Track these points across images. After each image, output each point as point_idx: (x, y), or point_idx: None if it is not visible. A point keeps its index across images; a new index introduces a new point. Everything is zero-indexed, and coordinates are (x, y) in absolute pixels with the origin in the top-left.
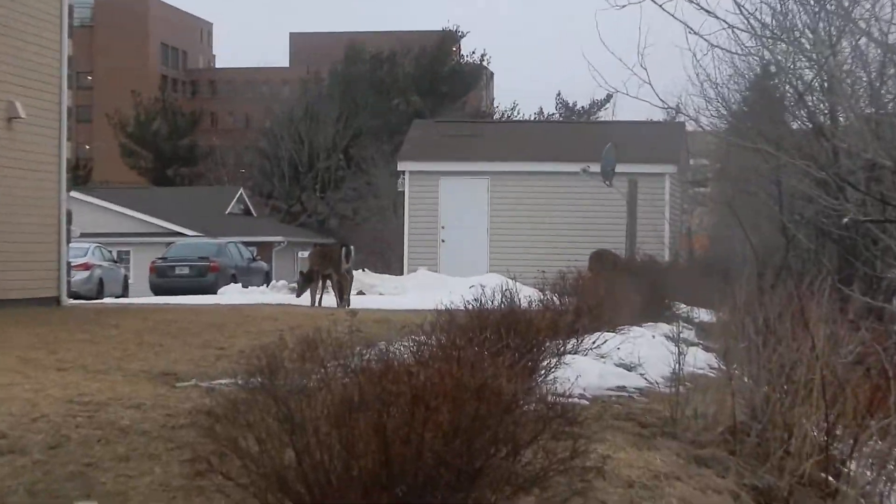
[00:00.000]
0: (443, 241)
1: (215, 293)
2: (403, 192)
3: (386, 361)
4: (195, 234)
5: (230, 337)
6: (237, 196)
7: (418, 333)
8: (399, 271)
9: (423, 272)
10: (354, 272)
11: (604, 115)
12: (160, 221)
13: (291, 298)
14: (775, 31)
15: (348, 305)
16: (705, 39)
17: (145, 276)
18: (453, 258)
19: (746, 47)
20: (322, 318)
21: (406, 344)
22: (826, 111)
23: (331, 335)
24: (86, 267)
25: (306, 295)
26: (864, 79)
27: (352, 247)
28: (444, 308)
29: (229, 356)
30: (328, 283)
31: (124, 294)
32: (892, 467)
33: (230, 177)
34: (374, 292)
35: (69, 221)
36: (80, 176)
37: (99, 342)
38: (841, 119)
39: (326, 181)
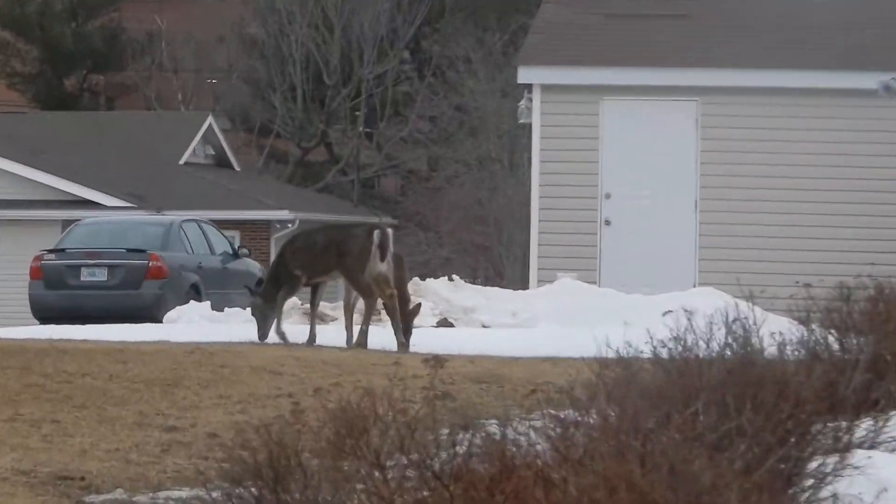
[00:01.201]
0: (606, 222)
1: (158, 320)
2: (529, 124)
3: (502, 458)
4: (120, 203)
5: (191, 407)
6: (201, 131)
7: (562, 405)
8: (519, 282)
9: (567, 284)
10: (423, 282)
11: None
12: (52, 179)
13: (303, 331)
14: None
15: (405, 346)
16: None
17: (21, 286)
18: (626, 257)
19: None
20: (371, 370)
21: (539, 424)
22: None
23: (392, 405)
24: None
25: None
26: None
27: (389, 230)
28: (611, 355)
29: (188, 443)
30: (319, 299)
31: None
32: None
33: (188, 95)
34: (472, 321)
35: None
36: None
37: None
38: None
39: (377, 104)
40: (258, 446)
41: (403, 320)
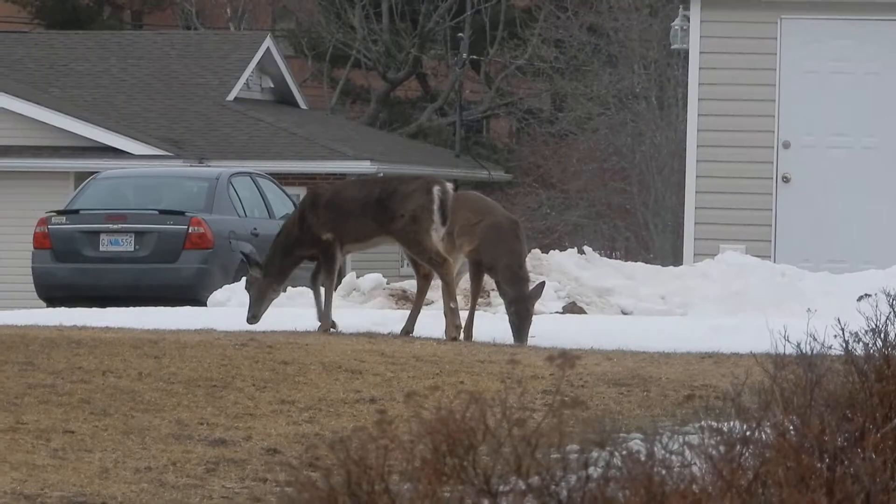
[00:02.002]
0: (784, 179)
1: (202, 302)
2: (684, 51)
3: (648, 484)
4: (151, 151)
5: (243, 414)
6: (257, 58)
7: (726, 415)
8: (670, 257)
9: (733, 259)
10: (545, 256)
11: None
12: (62, 119)
13: (389, 316)
14: None
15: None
16: None
17: (23, 258)
18: (809, 225)
19: None
20: (478, 368)
21: (695, 440)
22: None
23: (506, 414)
24: None
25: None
26: None
27: (450, 186)
28: (790, 352)
29: (241, 461)
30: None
31: None
32: None
33: (239, 10)
34: (609, 306)
35: None
36: None
37: None
38: None
39: (485, 23)
40: (333, 466)
41: (520, 305)
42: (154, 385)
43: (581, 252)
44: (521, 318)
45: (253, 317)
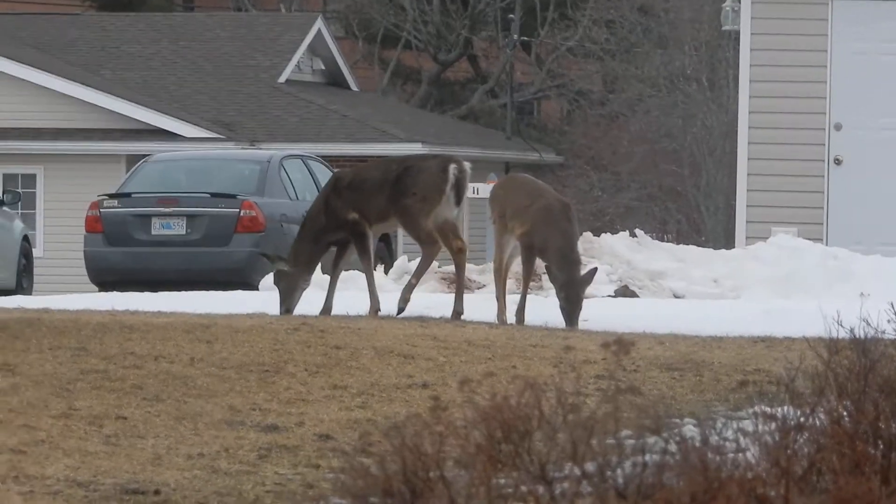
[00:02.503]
0: (836, 161)
1: (253, 286)
2: (735, 32)
3: (703, 470)
4: (202, 133)
5: (296, 400)
6: (308, 39)
7: (779, 401)
8: (722, 239)
9: (785, 242)
10: (596, 239)
11: None
12: (113, 102)
13: (441, 300)
14: None
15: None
16: None
17: (75, 242)
18: (862, 207)
19: None
20: (531, 353)
21: (749, 426)
22: None
23: (561, 400)
24: None
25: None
26: None
27: (467, 165)
28: (844, 336)
29: (293, 447)
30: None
31: (23, 285)
32: None
33: None
34: (661, 289)
35: None
36: None
37: None
38: None
39: (537, 4)
40: (386, 453)
41: (571, 289)
42: (206, 370)
43: (633, 235)
44: (571, 303)
45: (287, 310)
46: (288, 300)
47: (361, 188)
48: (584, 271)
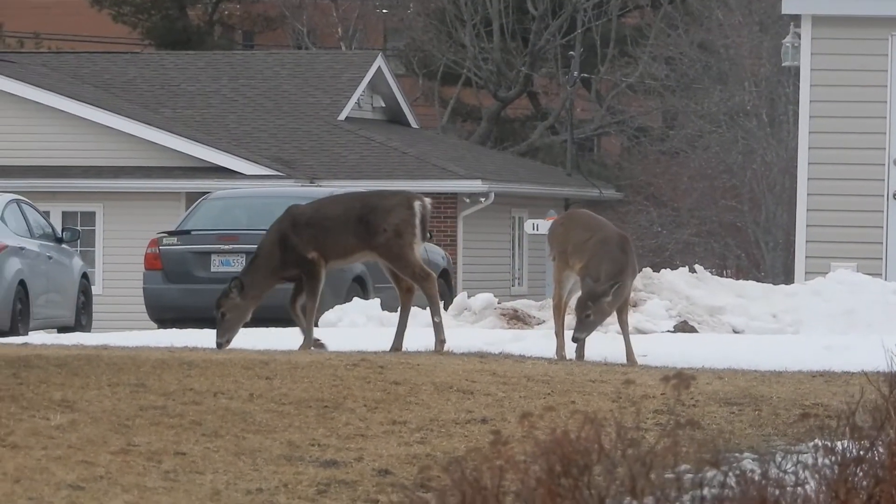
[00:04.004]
0: None
1: (313, 322)
2: (795, 68)
3: (762, 501)
4: (262, 171)
5: (355, 435)
6: (368, 77)
7: (839, 434)
8: (781, 275)
9: (845, 277)
10: (656, 274)
11: None
12: (173, 140)
13: (501, 336)
14: None
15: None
16: None
17: (135, 279)
18: None
19: None
20: (590, 388)
21: (808, 459)
22: None
23: (621, 434)
24: None
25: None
26: None
27: (428, 201)
28: None
29: (352, 482)
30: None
31: (82, 322)
32: None
33: (350, 29)
34: (720, 324)
35: None
36: None
37: (24, 446)
38: None
39: (596, 41)
40: (446, 487)
41: (581, 297)
42: (265, 406)
43: (692, 271)
44: (576, 308)
45: (227, 342)
46: (229, 332)
47: (322, 225)
48: (644, 308)
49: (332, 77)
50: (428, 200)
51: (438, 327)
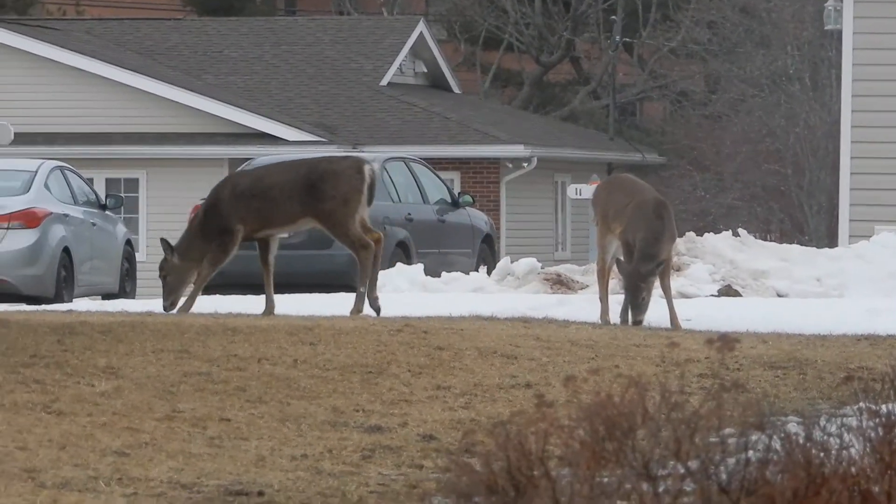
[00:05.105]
0: None
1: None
2: (838, 31)
3: (807, 466)
4: (304, 136)
5: (399, 401)
6: (410, 42)
7: (883, 397)
8: (825, 238)
9: (888, 240)
10: (699, 239)
11: None
12: (216, 106)
13: (544, 301)
14: None
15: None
16: None
17: None
18: None
19: None
20: (634, 352)
21: (853, 422)
22: None
23: (665, 398)
24: (28, 220)
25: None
26: None
27: (375, 164)
28: None
29: (397, 447)
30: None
31: (126, 289)
32: None
33: None
34: (764, 288)
35: None
36: (14, 2)
37: (69, 413)
38: None
39: (638, 5)
40: (491, 451)
41: (629, 279)
42: (309, 372)
43: (736, 234)
44: (628, 291)
45: (171, 304)
46: (173, 294)
47: (266, 195)
48: (688, 272)
49: (374, 42)
50: (377, 165)
51: (360, 298)
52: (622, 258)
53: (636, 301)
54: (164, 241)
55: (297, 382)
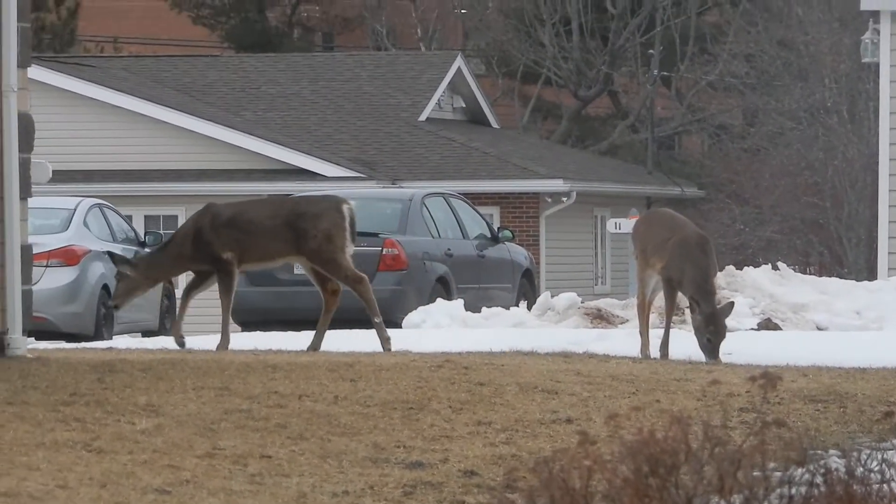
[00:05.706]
0: None
1: (397, 324)
2: (875, 64)
3: (849, 500)
4: (343, 173)
5: (440, 436)
6: (448, 77)
7: None
8: (865, 271)
9: None
10: (738, 272)
11: None
12: (254, 143)
13: (584, 335)
14: None
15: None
16: None
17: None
18: None
19: None
20: (675, 387)
21: (893, 455)
22: None
23: (708, 434)
24: (67, 258)
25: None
26: None
27: (353, 203)
28: None
29: (438, 483)
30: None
31: (166, 326)
32: None
33: (430, 29)
34: (804, 322)
35: (26, 148)
36: (51, 40)
37: (109, 451)
38: None
39: (676, 39)
40: (534, 488)
41: (714, 321)
42: (350, 408)
43: (775, 268)
44: (716, 335)
45: (116, 306)
46: (121, 297)
47: (246, 229)
48: (720, 304)
49: (412, 78)
50: (353, 203)
51: (380, 327)
52: (665, 293)
53: (713, 346)
54: (111, 255)
55: (338, 419)
